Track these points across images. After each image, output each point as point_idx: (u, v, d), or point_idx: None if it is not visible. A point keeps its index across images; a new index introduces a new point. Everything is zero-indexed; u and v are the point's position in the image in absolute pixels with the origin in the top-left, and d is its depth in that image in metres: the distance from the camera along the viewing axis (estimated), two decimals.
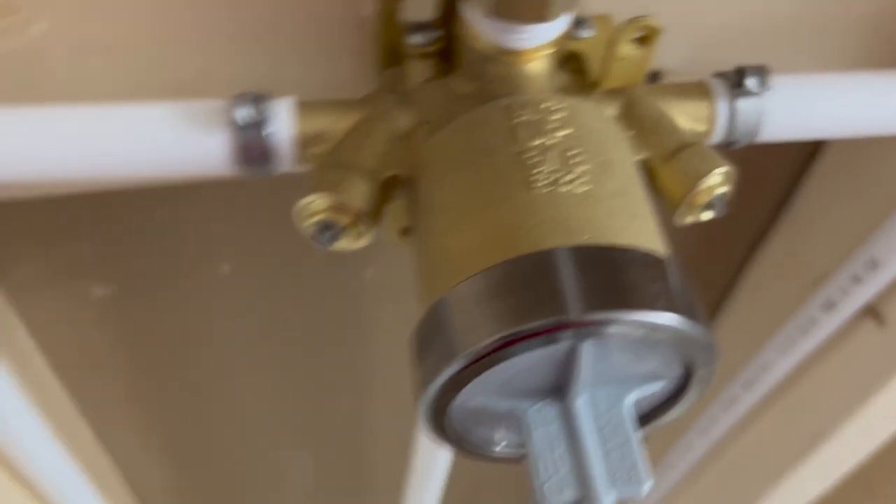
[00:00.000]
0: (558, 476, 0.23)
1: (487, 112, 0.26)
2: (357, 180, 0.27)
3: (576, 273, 0.22)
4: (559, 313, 0.21)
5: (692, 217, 0.30)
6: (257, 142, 0.28)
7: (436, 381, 0.23)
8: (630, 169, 0.26)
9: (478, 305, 0.22)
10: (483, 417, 0.25)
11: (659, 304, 0.22)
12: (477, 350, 0.22)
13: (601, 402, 0.24)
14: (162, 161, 0.28)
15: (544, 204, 0.24)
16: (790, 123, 0.32)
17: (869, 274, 0.43)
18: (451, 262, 0.24)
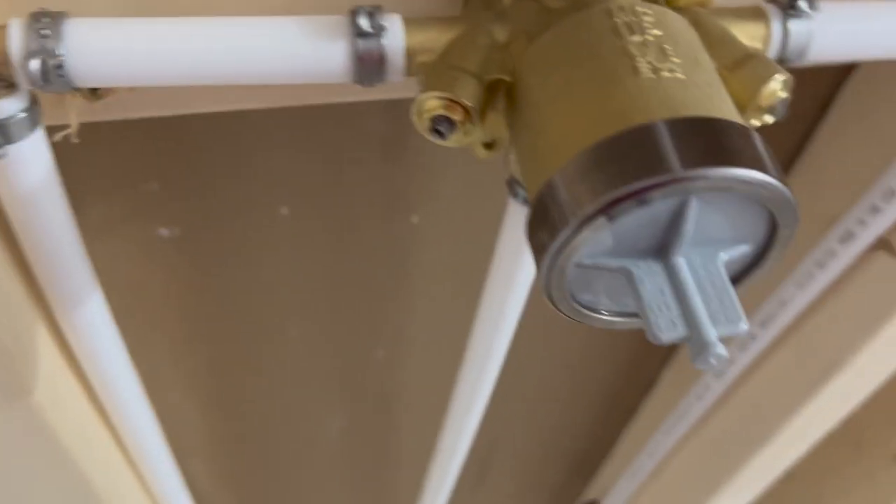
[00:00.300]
0: (669, 315, 0.26)
1: (588, 15, 0.30)
2: (467, 80, 0.31)
3: (682, 137, 0.26)
4: (666, 172, 0.25)
5: (756, 120, 0.33)
6: (375, 50, 0.32)
7: (554, 246, 0.26)
8: (710, 63, 0.30)
9: (585, 177, 0.26)
10: (593, 282, 0.29)
11: (757, 164, 0.26)
12: (586, 215, 0.25)
13: (697, 260, 0.28)
14: (290, 67, 0.32)
15: (649, 87, 0.27)
16: (836, 44, 0.36)
17: (887, 204, 0.47)
18: (559, 144, 0.28)
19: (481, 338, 0.56)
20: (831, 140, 0.55)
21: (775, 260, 0.29)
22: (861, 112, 0.53)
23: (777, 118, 0.34)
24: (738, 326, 0.27)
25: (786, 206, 0.27)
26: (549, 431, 0.96)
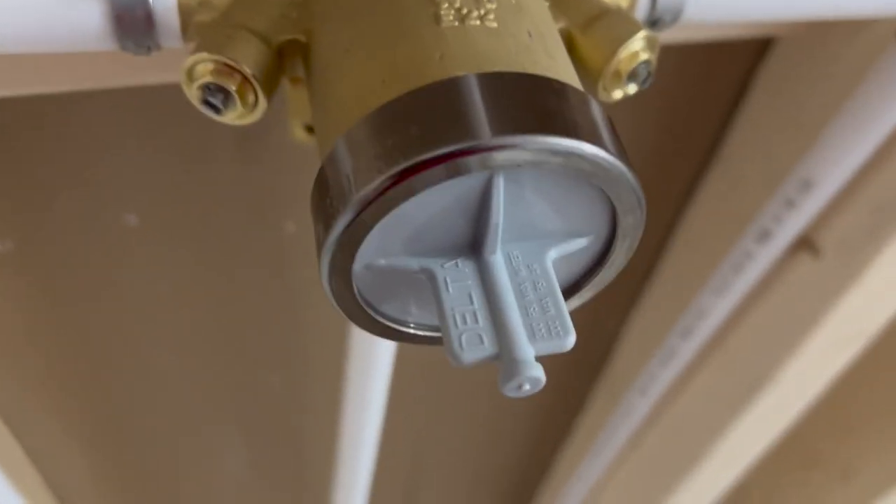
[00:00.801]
0: (474, 329, 0.20)
1: None
2: (246, 41, 0.25)
3: (485, 98, 0.20)
4: (466, 137, 0.19)
5: (618, 89, 0.28)
6: (137, 6, 0.25)
7: (332, 231, 0.20)
8: (545, 14, 0.24)
9: (376, 142, 0.20)
10: (394, 284, 0.23)
11: (579, 132, 0.20)
12: (374, 187, 0.19)
13: (519, 258, 0.22)
14: (28, 32, 0.25)
15: (451, 37, 0.21)
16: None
17: (802, 197, 0.42)
18: (347, 105, 0.22)
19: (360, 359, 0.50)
20: (747, 130, 0.50)
21: (621, 257, 0.23)
22: (776, 99, 0.47)
23: (641, 87, 0.28)
24: (563, 341, 0.21)
25: (621, 184, 0.21)
26: (477, 456, 0.90)
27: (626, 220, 0.22)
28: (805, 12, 0.32)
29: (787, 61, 0.46)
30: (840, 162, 0.40)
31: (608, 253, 0.23)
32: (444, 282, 0.21)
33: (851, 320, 0.48)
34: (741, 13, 0.31)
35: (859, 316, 0.47)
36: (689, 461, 0.66)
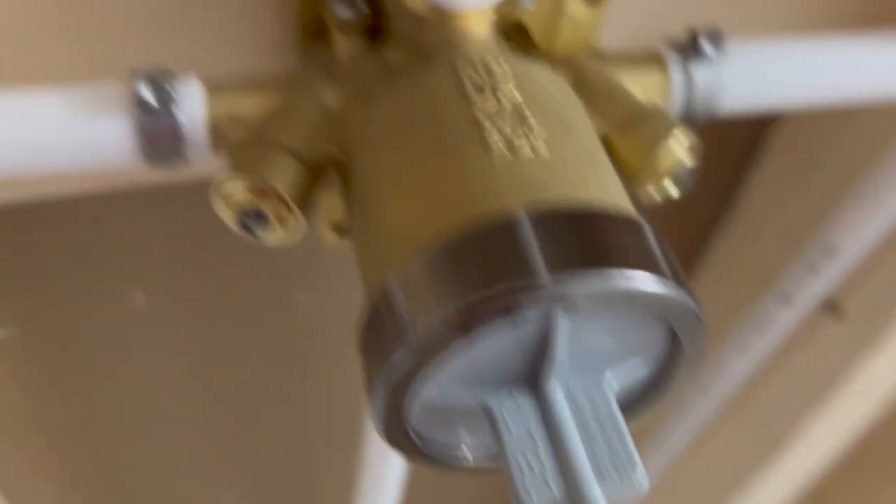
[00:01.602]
0: (539, 473, 0.20)
1: (432, 74, 0.23)
2: (282, 160, 0.24)
3: (542, 235, 0.19)
4: (526, 279, 0.18)
5: (656, 190, 0.27)
6: (164, 126, 0.25)
7: (387, 374, 0.19)
8: (590, 132, 0.24)
9: (433, 281, 0.19)
10: (446, 416, 0.22)
11: (639, 265, 0.19)
12: (432, 332, 0.19)
13: (579, 386, 0.21)
14: (55, 153, 0.25)
15: (502, 166, 0.21)
16: (751, 92, 0.30)
17: (825, 262, 0.42)
18: (397, 237, 0.21)
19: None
20: (763, 189, 0.49)
21: (682, 378, 0.23)
22: (793, 157, 0.47)
23: (682, 188, 0.27)
24: (632, 480, 0.20)
25: (684, 314, 0.20)
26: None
27: (690, 346, 0.21)
28: (834, 101, 0.31)
29: (806, 122, 0.46)
30: (864, 228, 0.40)
31: (667, 374, 0.23)
32: (503, 419, 0.21)
33: (874, 381, 0.47)
34: (773, 104, 0.31)
35: (882, 377, 0.47)
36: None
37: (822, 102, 0.32)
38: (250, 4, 0.29)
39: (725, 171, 0.51)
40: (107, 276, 0.45)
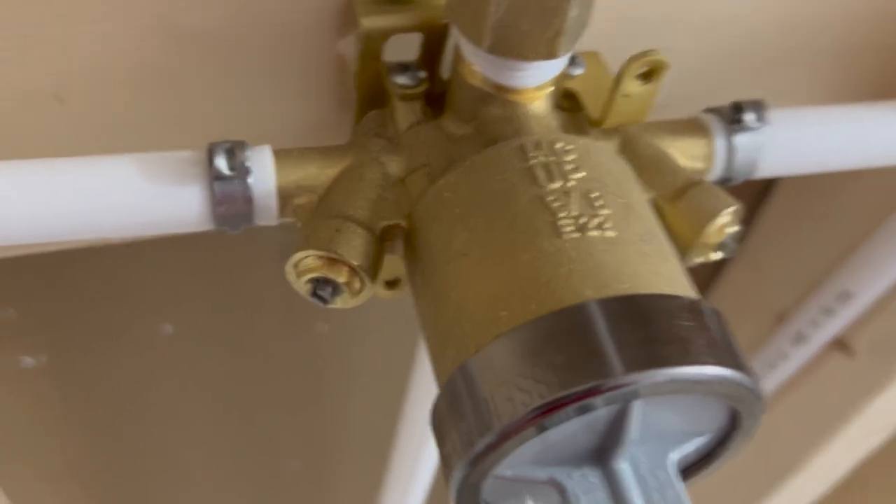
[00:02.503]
0: None
1: (499, 153, 0.24)
2: (352, 233, 0.25)
3: (617, 329, 0.20)
4: (605, 375, 0.19)
5: (703, 258, 0.28)
6: (237, 194, 0.26)
7: (467, 456, 0.21)
8: (649, 210, 0.25)
9: (515, 370, 0.20)
10: (516, 488, 0.23)
11: (708, 357, 0.20)
12: (514, 421, 0.20)
13: (644, 462, 0.22)
14: (134, 218, 0.25)
15: (574, 252, 0.22)
16: (788, 159, 0.31)
17: (840, 306, 0.43)
18: (476, 318, 0.22)
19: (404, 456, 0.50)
20: (777, 225, 0.51)
21: (738, 449, 0.24)
22: (809, 197, 0.48)
23: (727, 255, 0.28)
24: None
25: (750, 398, 0.21)
26: None
27: (748, 422, 0.23)
28: (862, 164, 0.33)
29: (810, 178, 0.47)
30: (880, 276, 0.41)
31: (725, 446, 0.24)
32: (573, 495, 0.22)
33: (880, 416, 0.49)
34: (807, 169, 0.32)
35: (887, 412, 0.49)
36: None
37: (851, 166, 0.33)
38: (312, 69, 0.29)
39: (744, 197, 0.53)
40: (135, 310, 0.46)
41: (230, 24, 0.27)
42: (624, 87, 0.27)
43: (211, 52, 0.28)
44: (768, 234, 0.51)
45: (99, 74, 0.28)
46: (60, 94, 0.28)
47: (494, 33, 0.23)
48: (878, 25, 0.36)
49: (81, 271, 0.43)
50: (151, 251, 0.44)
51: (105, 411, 0.50)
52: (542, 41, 0.24)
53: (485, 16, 0.23)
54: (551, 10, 0.23)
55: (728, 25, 0.34)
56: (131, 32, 0.27)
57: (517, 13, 0.23)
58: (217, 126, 0.30)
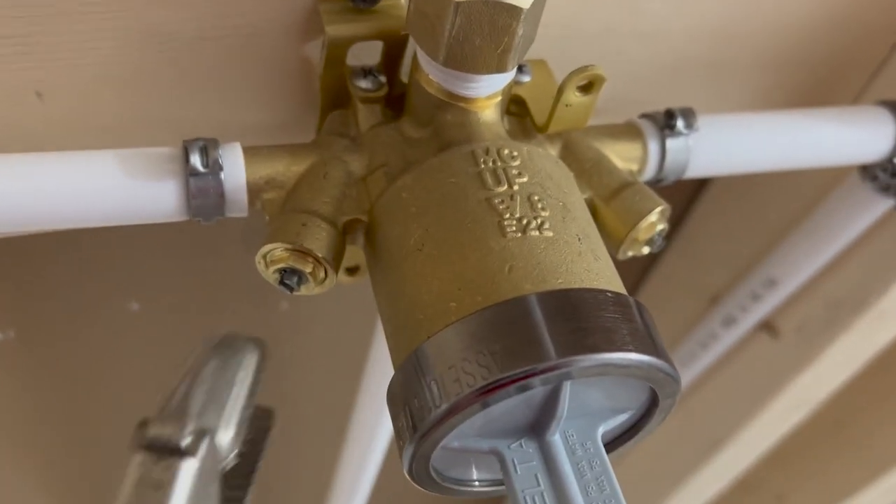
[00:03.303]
0: None
1: (452, 158, 0.27)
2: (317, 227, 0.27)
3: (553, 318, 0.23)
4: (540, 360, 0.22)
5: (634, 252, 0.31)
6: (211, 189, 0.28)
7: (418, 430, 0.23)
8: (585, 211, 0.28)
9: (461, 355, 0.23)
10: (462, 457, 0.26)
11: (630, 344, 0.23)
12: (461, 399, 0.22)
13: (575, 436, 0.25)
14: (113, 211, 0.28)
15: (517, 250, 0.25)
16: (715, 161, 0.34)
17: (767, 292, 0.47)
18: (428, 309, 0.25)
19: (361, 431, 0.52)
20: (710, 218, 0.54)
21: (657, 424, 0.27)
22: (739, 192, 0.52)
23: (655, 251, 0.32)
24: None
25: (667, 381, 0.24)
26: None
27: (666, 401, 0.26)
28: (785, 166, 0.36)
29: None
30: (804, 265, 0.45)
31: (644, 421, 0.27)
32: (512, 463, 0.25)
33: (803, 392, 0.53)
34: (733, 170, 0.35)
35: (810, 389, 0.53)
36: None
37: (775, 168, 0.36)
38: (280, 71, 0.32)
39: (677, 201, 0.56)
40: (102, 288, 0.47)
41: (205, 28, 0.29)
42: (566, 97, 0.29)
43: (186, 54, 0.30)
44: (702, 225, 0.54)
45: (79, 73, 0.29)
46: (41, 90, 0.30)
47: (449, 49, 0.26)
48: (804, 41, 0.39)
49: (49, 249, 0.45)
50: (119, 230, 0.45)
51: (71, 387, 0.52)
52: (492, 56, 0.26)
53: (440, 33, 0.25)
54: (501, 29, 0.25)
55: (669, 35, 0.37)
56: (111, 33, 0.29)
57: (470, 31, 0.25)
58: (189, 123, 0.32)
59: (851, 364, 0.52)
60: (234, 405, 0.22)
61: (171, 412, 0.21)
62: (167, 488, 0.20)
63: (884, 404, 0.61)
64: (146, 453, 0.20)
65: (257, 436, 0.23)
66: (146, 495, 0.20)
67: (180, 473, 0.20)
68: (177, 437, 0.20)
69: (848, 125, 0.36)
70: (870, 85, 0.43)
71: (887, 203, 0.40)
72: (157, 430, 0.20)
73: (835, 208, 0.42)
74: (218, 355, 0.22)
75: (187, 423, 0.21)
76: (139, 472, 0.20)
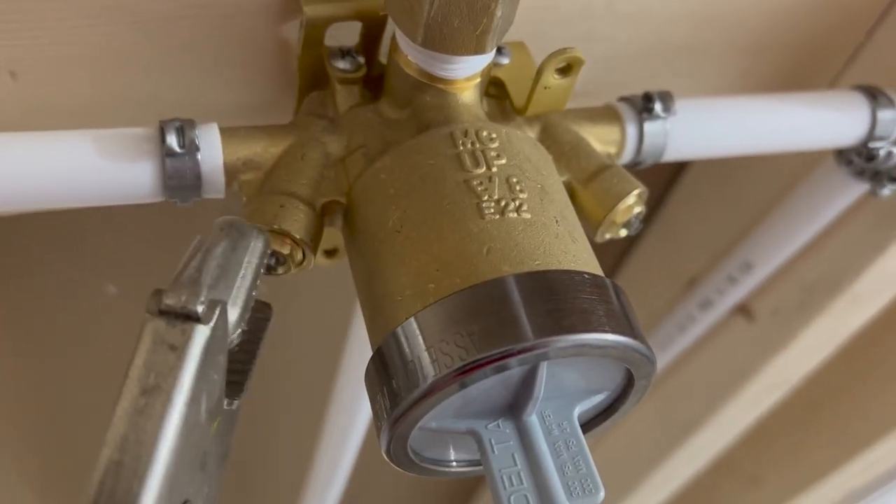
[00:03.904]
0: (520, 490, 0.24)
1: (431, 139, 0.27)
2: (295, 209, 0.27)
3: (530, 300, 0.23)
4: (517, 340, 0.22)
5: (611, 234, 0.31)
6: (187, 170, 0.28)
7: (396, 411, 0.23)
8: (562, 193, 0.28)
9: (439, 336, 0.23)
10: (439, 438, 0.26)
11: (606, 326, 0.23)
12: (438, 379, 0.23)
13: (551, 416, 0.26)
14: (89, 192, 0.27)
15: (495, 232, 0.25)
16: (692, 144, 0.34)
17: (743, 275, 0.47)
18: (407, 290, 0.25)
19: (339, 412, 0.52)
20: (688, 202, 0.55)
21: (633, 405, 0.27)
22: (716, 177, 0.52)
23: (632, 233, 0.32)
24: (595, 498, 0.24)
25: (643, 362, 0.25)
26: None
27: (641, 382, 0.26)
28: (761, 150, 0.36)
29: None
30: (779, 249, 0.45)
31: (620, 402, 0.27)
32: (489, 444, 0.25)
33: (778, 375, 0.53)
34: (710, 154, 0.35)
35: (785, 372, 0.53)
36: (618, 494, 0.71)
37: (751, 152, 0.36)
38: (257, 51, 0.31)
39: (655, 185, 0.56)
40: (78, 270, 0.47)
41: (182, 7, 0.29)
42: (544, 80, 0.30)
43: (163, 34, 0.30)
44: (680, 209, 0.54)
45: (53, 52, 0.29)
46: (14, 70, 0.29)
47: (427, 29, 0.26)
48: (782, 25, 0.39)
49: (25, 231, 0.44)
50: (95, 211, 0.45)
51: (48, 369, 0.52)
52: (471, 38, 0.26)
53: (419, 13, 0.25)
54: (480, 10, 0.25)
55: (647, 18, 0.37)
56: (86, 11, 0.28)
57: (448, 12, 0.25)
58: (166, 104, 0.31)
59: (826, 347, 0.52)
60: (242, 285, 0.24)
61: (185, 282, 0.22)
62: (182, 350, 0.21)
63: (858, 386, 0.62)
64: (162, 318, 0.21)
65: (256, 325, 0.24)
66: (163, 354, 0.21)
67: (195, 337, 0.21)
68: (192, 304, 0.21)
69: (824, 109, 0.36)
70: (846, 70, 0.43)
71: (862, 187, 0.40)
72: (174, 297, 0.21)
73: (810, 193, 0.42)
74: (227, 237, 0.23)
75: (201, 292, 0.22)
76: (155, 334, 0.21)
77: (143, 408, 0.20)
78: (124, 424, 0.20)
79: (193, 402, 0.21)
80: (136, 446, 0.20)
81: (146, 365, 0.21)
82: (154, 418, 0.20)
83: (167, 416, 0.20)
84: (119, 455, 0.19)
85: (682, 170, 0.54)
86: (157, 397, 0.20)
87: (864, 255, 0.45)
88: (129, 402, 0.20)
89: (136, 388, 0.20)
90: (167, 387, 0.20)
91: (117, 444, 0.20)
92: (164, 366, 0.21)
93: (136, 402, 0.20)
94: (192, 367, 0.21)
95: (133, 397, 0.20)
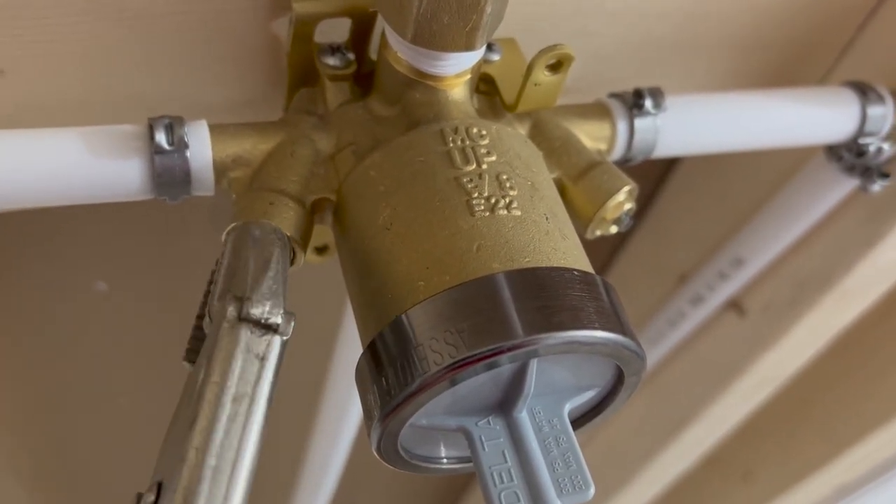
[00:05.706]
0: (511, 487, 0.24)
1: (421, 136, 0.27)
2: (284, 206, 0.27)
3: (520, 297, 0.23)
4: (507, 338, 0.22)
5: (601, 231, 0.31)
6: (176, 167, 0.28)
7: (387, 408, 0.23)
8: (553, 190, 0.28)
9: (427, 334, 0.23)
10: (430, 435, 0.26)
11: (596, 322, 0.23)
12: (428, 376, 0.23)
13: (541, 413, 0.26)
14: (78, 189, 0.27)
15: (485, 229, 0.25)
16: (683, 140, 0.34)
17: (734, 271, 0.47)
18: (397, 288, 0.25)
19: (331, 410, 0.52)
20: (679, 198, 0.55)
21: (623, 401, 0.27)
22: (707, 173, 0.52)
23: (622, 229, 0.32)
24: (586, 495, 0.24)
25: (633, 358, 0.25)
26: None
27: (631, 378, 0.26)
28: (752, 146, 0.36)
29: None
30: (770, 244, 0.45)
31: (611, 398, 0.27)
32: (479, 441, 0.25)
33: (769, 370, 0.53)
34: (700, 150, 0.35)
35: (776, 367, 0.54)
36: (611, 489, 0.71)
37: (742, 148, 0.36)
38: (247, 48, 0.31)
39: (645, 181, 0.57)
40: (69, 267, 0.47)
41: (172, 3, 0.29)
42: (534, 76, 0.29)
43: (152, 30, 0.29)
44: (671, 205, 0.55)
45: (42, 49, 0.29)
46: (3, 67, 0.29)
47: (417, 26, 0.26)
48: (772, 21, 0.39)
49: (15, 227, 0.44)
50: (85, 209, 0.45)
51: (38, 366, 0.52)
52: (460, 34, 0.26)
53: (408, 10, 0.25)
54: (469, 6, 0.25)
55: (637, 15, 0.37)
56: (76, 8, 0.28)
57: (438, 8, 0.25)
58: (155, 101, 0.31)
59: (816, 342, 0.53)
60: (286, 293, 0.24)
61: (265, 293, 0.23)
62: (266, 359, 0.22)
63: (849, 382, 0.62)
64: (246, 327, 0.22)
65: None
66: (253, 363, 0.22)
67: (276, 348, 0.22)
68: (275, 316, 0.23)
69: (814, 106, 0.36)
70: (836, 66, 0.43)
71: (852, 183, 0.41)
72: (258, 308, 0.22)
73: (801, 188, 0.42)
74: (272, 245, 0.24)
75: (281, 304, 0.23)
76: (244, 344, 0.22)
77: (234, 415, 0.21)
78: (220, 431, 0.21)
79: (270, 408, 0.22)
80: (230, 452, 0.21)
81: (238, 374, 0.22)
82: (245, 425, 0.21)
83: (255, 422, 0.21)
84: (216, 461, 0.20)
85: (672, 166, 0.54)
86: (247, 405, 0.21)
87: (855, 250, 0.45)
88: (222, 409, 0.21)
89: (227, 395, 0.21)
90: (256, 395, 0.22)
91: (214, 451, 0.20)
92: (251, 374, 0.22)
93: (229, 410, 0.21)
94: (272, 375, 0.22)
95: (226, 404, 0.21)
